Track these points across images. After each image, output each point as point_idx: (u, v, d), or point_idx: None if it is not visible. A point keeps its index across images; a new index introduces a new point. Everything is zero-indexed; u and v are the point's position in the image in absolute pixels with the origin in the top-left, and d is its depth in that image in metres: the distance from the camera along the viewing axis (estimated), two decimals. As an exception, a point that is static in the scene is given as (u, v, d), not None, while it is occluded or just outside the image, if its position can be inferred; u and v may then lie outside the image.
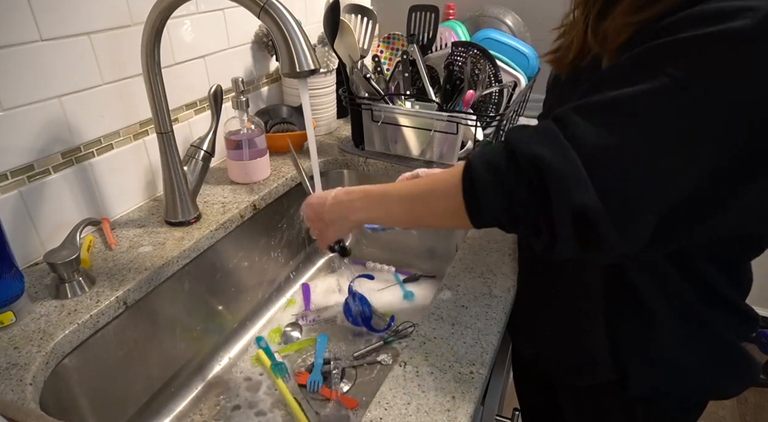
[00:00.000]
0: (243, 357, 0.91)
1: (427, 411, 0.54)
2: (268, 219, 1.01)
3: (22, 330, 0.63)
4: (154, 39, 0.71)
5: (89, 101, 0.78)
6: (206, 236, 0.84)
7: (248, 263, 0.98)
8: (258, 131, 0.97)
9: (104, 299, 0.68)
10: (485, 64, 1.03)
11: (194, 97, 0.98)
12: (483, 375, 0.59)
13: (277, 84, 1.22)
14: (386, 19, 1.35)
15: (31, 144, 0.72)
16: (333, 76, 1.20)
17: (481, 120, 1.00)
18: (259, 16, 0.59)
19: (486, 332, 0.65)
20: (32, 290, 0.69)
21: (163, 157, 0.81)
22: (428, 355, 0.61)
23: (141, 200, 0.92)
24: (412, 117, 1.05)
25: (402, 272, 1.10)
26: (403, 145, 1.09)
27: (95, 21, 0.76)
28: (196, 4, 0.94)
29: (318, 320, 0.98)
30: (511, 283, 0.74)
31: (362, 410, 0.79)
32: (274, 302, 1.05)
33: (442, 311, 0.68)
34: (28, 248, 0.74)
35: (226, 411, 0.80)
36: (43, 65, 0.71)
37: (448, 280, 0.74)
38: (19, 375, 0.57)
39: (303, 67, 0.59)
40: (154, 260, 0.76)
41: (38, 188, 0.74)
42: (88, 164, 0.81)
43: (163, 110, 0.77)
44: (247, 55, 1.11)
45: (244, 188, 0.98)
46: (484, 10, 1.29)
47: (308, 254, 1.16)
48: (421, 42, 1.12)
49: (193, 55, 0.96)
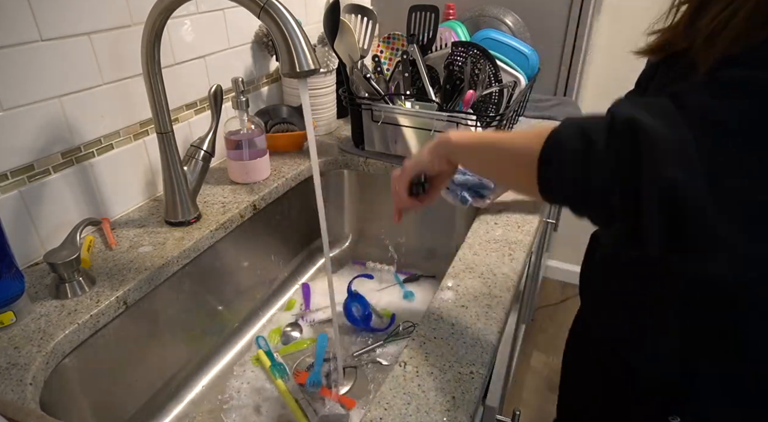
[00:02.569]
0: (243, 357, 0.91)
1: (427, 411, 0.54)
2: (268, 219, 1.01)
3: (22, 330, 0.63)
4: (154, 39, 0.71)
5: (89, 101, 0.78)
6: (206, 236, 0.84)
7: (248, 263, 0.98)
8: (258, 131, 0.97)
9: (104, 299, 0.68)
10: (485, 64, 1.03)
11: (194, 98, 0.98)
12: (483, 375, 0.59)
13: (277, 84, 1.22)
14: (386, 19, 1.35)
15: (31, 144, 0.72)
16: (333, 76, 1.20)
17: (481, 120, 1.00)
18: (259, 16, 0.59)
19: (486, 332, 0.65)
20: (32, 290, 0.69)
21: (163, 157, 0.81)
22: (428, 355, 0.61)
23: (141, 200, 0.92)
24: (412, 117, 1.05)
25: (402, 272, 1.10)
26: (403, 145, 1.09)
27: (95, 21, 0.76)
28: (196, 4, 0.94)
29: (318, 320, 0.98)
30: (511, 283, 0.74)
31: (361, 410, 0.79)
32: (274, 302, 1.05)
33: (442, 311, 0.68)
34: (28, 248, 0.74)
35: (226, 412, 0.80)
36: (43, 65, 0.71)
37: (448, 280, 0.74)
38: (19, 375, 0.57)
39: (303, 67, 0.59)
40: (154, 260, 0.76)
41: (38, 188, 0.74)
42: (89, 164, 0.81)
43: (163, 110, 0.77)
44: (247, 55, 1.11)
45: (244, 188, 0.98)
46: (484, 10, 1.29)
47: (308, 254, 1.17)
48: (421, 42, 1.12)
49: (193, 55, 0.96)
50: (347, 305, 0.94)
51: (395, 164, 1.09)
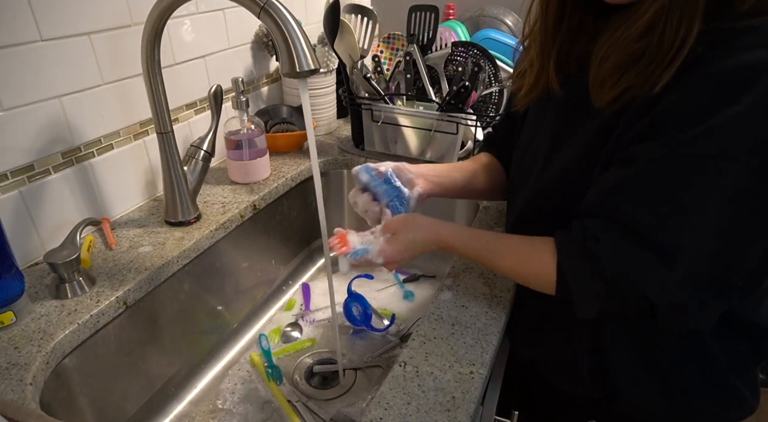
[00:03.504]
0: (243, 357, 0.91)
1: (427, 411, 0.54)
2: (268, 219, 1.01)
3: (23, 330, 0.63)
4: (154, 39, 0.71)
5: (89, 101, 0.78)
6: (206, 236, 0.84)
7: (248, 263, 0.98)
8: (258, 131, 0.97)
9: (104, 299, 0.68)
10: (485, 64, 1.03)
11: (194, 98, 0.98)
12: (483, 375, 0.59)
13: (277, 84, 1.22)
14: (386, 19, 1.35)
15: (31, 144, 0.72)
16: (333, 76, 1.20)
17: (481, 120, 1.00)
18: (259, 16, 0.59)
19: (486, 332, 0.65)
20: (32, 290, 0.69)
21: (163, 157, 0.81)
22: (428, 355, 0.61)
23: (141, 200, 0.92)
24: (412, 117, 1.05)
25: (402, 272, 1.10)
26: (403, 145, 1.09)
27: (95, 21, 0.76)
28: (196, 4, 0.94)
29: (318, 320, 0.98)
30: (511, 283, 0.74)
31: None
32: (274, 302, 1.05)
33: (442, 311, 0.68)
34: (29, 248, 0.74)
35: (226, 412, 0.80)
36: (43, 65, 0.71)
37: (448, 280, 0.74)
38: (19, 374, 0.57)
39: (303, 67, 0.59)
40: (154, 260, 0.76)
41: (38, 188, 0.74)
42: (88, 164, 0.81)
43: (163, 110, 0.77)
44: (247, 55, 1.11)
45: (244, 188, 0.98)
46: (484, 10, 1.29)
47: (308, 254, 1.16)
48: (421, 42, 1.12)
49: (193, 55, 0.96)
50: (347, 305, 0.94)
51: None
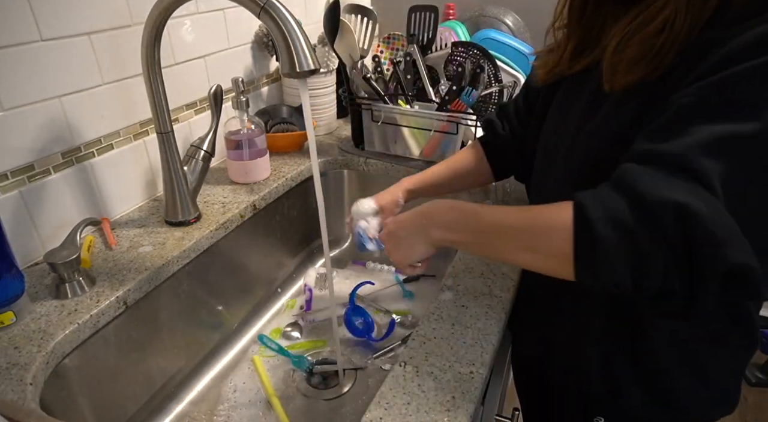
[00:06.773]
0: (243, 357, 0.91)
1: (427, 411, 0.54)
2: (268, 219, 1.01)
3: (23, 329, 0.63)
4: (154, 39, 0.71)
5: (89, 101, 0.78)
6: (206, 236, 0.84)
7: (248, 264, 0.98)
8: (258, 131, 0.97)
9: (104, 299, 0.68)
10: (485, 64, 1.03)
11: (194, 98, 0.98)
12: (483, 375, 0.59)
13: (277, 84, 1.22)
14: (386, 19, 1.35)
15: (31, 144, 0.72)
16: (333, 76, 1.20)
17: (481, 120, 1.00)
18: (259, 16, 0.59)
19: (486, 332, 0.65)
20: (32, 290, 0.69)
21: (163, 157, 0.81)
22: (428, 355, 0.61)
23: (141, 200, 0.92)
24: (412, 117, 1.05)
25: (402, 273, 1.10)
26: (403, 145, 1.09)
27: (95, 21, 0.76)
28: (196, 4, 0.94)
29: (318, 320, 0.97)
30: (511, 283, 0.74)
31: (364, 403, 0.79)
32: (275, 302, 1.05)
33: (442, 311, 0.68)
34: (29, 248, 0.74)
35: (226, 412, 0.80)
36: (43, 65, 0.71)
37: (448, 280, 0.74)
38: (19, 374, 0.57)
39: (303, 67, 0.59)
40: (154, 260, 0.76)
41: (38, 188, 0.74)
42: (89, 164, 0.81)
43: (163, 110, 0.77)
44: (247, 55, 1.11)
45: (244, 188, 0.98)
46: (484, 10, 1.29)
47: (308, 254, 1.16)
48: (421, 42, 1.12)
49: (193, 55, 0.96)
50: (348, 316, 0.92)
51: (395, 164, 1.09)
